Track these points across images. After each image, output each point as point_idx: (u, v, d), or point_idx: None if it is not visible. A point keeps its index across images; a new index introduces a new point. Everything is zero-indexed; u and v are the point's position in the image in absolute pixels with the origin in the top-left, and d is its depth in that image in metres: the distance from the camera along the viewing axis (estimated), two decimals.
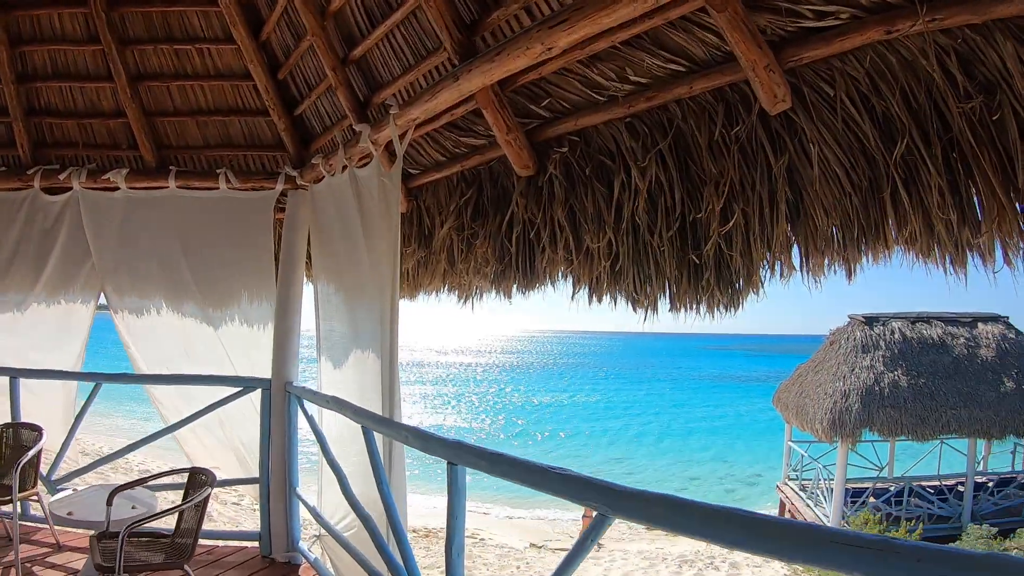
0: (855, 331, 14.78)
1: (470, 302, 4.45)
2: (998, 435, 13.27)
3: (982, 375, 13.69)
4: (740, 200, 2.72)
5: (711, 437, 36.98)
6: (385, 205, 3.64)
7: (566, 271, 3.39)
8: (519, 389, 60.51)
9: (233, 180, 5.12)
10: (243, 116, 5.29)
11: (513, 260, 3.60)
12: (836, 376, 13.97)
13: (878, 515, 12.03)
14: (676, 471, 28.36)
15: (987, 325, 14.91)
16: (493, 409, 46.38)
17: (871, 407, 13.05)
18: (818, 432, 13.50)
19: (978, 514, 13.48)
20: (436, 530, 17.18)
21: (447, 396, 55.79)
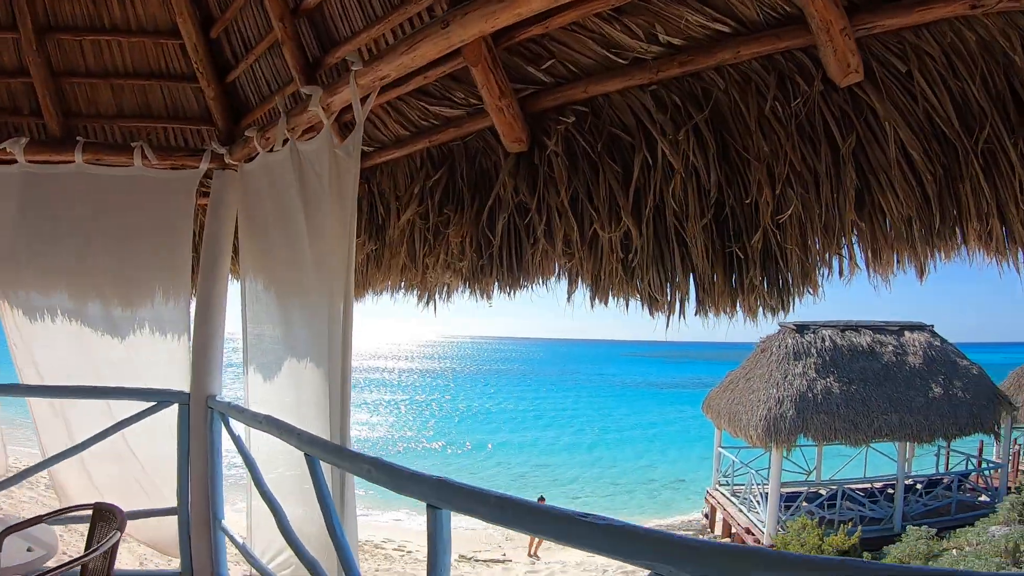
0: (786, 339, 14.91)
1: (433, 302, 3.82)
2: (927, 439, 13.64)
3: (911, 381, 14.04)
4: (797, 184, 2.27)
5: (636, 443, 37.28)
6: (338, 185, 2.98)
7: (564, 266, 2.84)
8: (444, 396, 59.65)
9: (150, 156, 4.27)
10: (166, 81, 4.48)
11: (496, 253, 3.00)
12: (769, 383, 14.04)
13: (814, 519, 12.06)
14: (601, 477, 28.32)
15: (913, 333, 15.34)
16: (420, 417, 45.32)
17: (805, 413, 13.17)
18: (752, 438, 13.51)
19: (909, 515, 13.78)
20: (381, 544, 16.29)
21: (369, 404, 54.43)
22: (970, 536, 10.17)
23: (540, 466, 30.30)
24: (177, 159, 4.39)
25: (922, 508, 14.04)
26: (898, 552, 10.40)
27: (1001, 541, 8.81)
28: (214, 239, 4.27)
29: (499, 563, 15.00)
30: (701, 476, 27.77)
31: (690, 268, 2.48)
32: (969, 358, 15.08)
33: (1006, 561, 8.33)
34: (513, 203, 2.88)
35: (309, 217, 3.26)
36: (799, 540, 11.39)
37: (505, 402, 59.31)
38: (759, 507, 14.05)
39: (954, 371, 14.46)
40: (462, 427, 43.17)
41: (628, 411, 53.71)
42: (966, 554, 9.10)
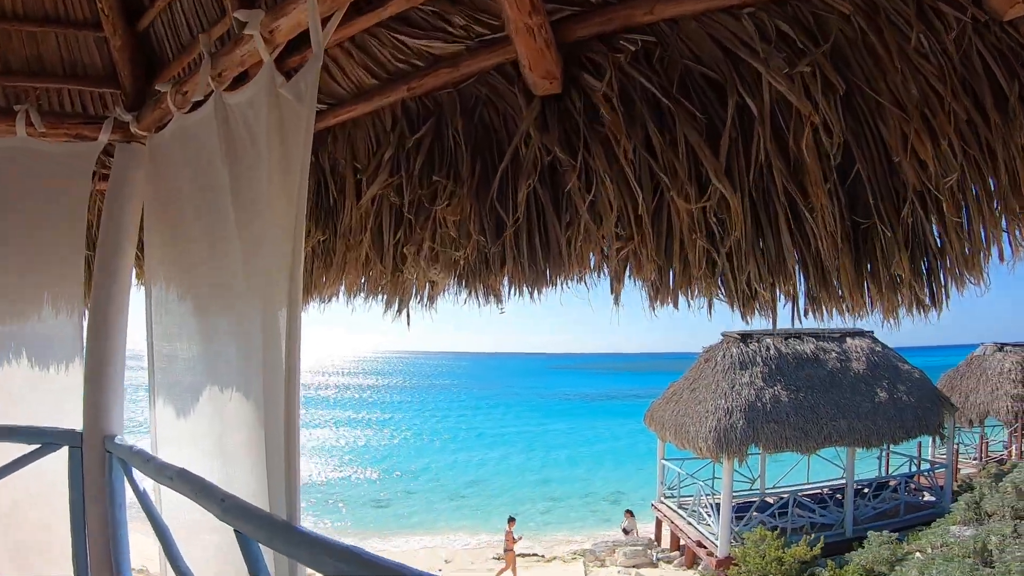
0: (731, 348, 14.66)
1: (406, 310, 2.93)
2: (876, 443, 13.59)
3: (856, 387, 13.99)
4: (957, 140, 1.59)
5: (571, 456, 36.85)
6: (283, 146, 2.06)
7: (613, 254, 2.04)
8: (372, 416, 57.78)
9: (37, 123, 3.21)
10: (63, 28, 3.40)
11: (513, 236, 2.18)
12: (717, 393, 13.72)
13: (776, 531, 11.72)
14: (537, 492, 27.65)
15: (855, 340, 15.35)
16: (350, 439, 43.44)
17: (756, 423, 12.87)
18: (703, 450, 13.10)
19: (859, 519, 13.67)
20: None
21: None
22: (932, 538, 9.95)
23: (474, 483, 29.38)
24: (71, 127, 3.34)
25: (872, 511, 13.97)
26: (861, 559, 10.09)
27: (970, 542, 8.56)
28: (114, 232, 3.25)
29: None
30: (639, 488, 27.51)
31: (805, 251, 1.74)
32: (909, 362, 15.21)
33: (976, 562, 8.07)
34: (541, 164, 2.06)
35: (239, 195, 2.33)
36: (758, 552, 10.94)
37: (438, 418, 58.20)
38: (709, 519, 13.64)
39: (897, 375, 14.52)
40: (396, 446, 41.76)
41: (562, 424, 53.46)
42: (933, 556, 8.82)
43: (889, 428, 13.42)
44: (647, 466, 30.01)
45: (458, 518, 23.20)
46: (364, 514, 23.67)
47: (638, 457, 34.29)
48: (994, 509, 9.96)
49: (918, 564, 8.77)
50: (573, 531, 21.40)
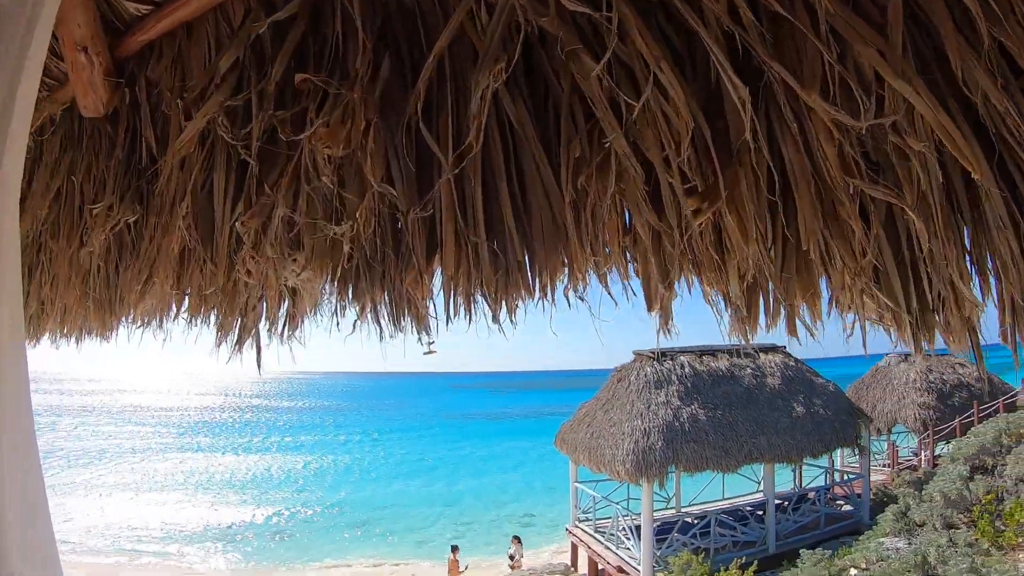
0: (644, 367, 14.19)
1: (254, 340, 1.88)
2: (795, 459, 13.37)
3: (773, 403, 13.76)
4: None
5: (478, 479, 35.81)
6: None
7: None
8: (264, 447, 54.50)
9: None
10: None
11: (463, 195, 1.19)
12: (632, 414, 13.16)
13: (700, 553, 11.13)
14: (445, 517, 26.53)
15: (768, 355, 15.20)
16: (241, 474, 40.34)
17: (675, 443, 12.36)
18: (620, 473, 12.47)
19: (781, 534, 13.39)
20: None
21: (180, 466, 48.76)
22: (867, 552, 9.58)
23: (380, 509, 27.84)
24: None
25: (793, 525, 13.73)
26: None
27: (909, 556, 8.18)
28: None
29: None
30: (551, 510, 26.85)
31: None
32: (822, 375, 15.20)
33: (914, 574, 7.70)
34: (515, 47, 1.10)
35: None
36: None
37: (336, 443, 55.77)
38: (629, 543, 12.99)
39: (812, 390, 14.44)
40: (295, 473, 39.30)
41: (468, 445, 52.42)
42: (872, 572, 8.42)
43: (808, 442, 13.27)
44: (558, 486, 29.45)
45: (363, 547, 21.76)
46: (264, 546, 21.81)
47: (548, 478, 33.73)
48: (923, 519, 9.75)
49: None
50: (484, 556, 20.38)
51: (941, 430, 18.57)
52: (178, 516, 25.89)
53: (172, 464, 40.88)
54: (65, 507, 27.42)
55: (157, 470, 38.15)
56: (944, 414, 18.83)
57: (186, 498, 30.14)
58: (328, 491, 32.25)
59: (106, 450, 46.17)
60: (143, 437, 56.38)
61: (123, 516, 25.65)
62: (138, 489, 31.84)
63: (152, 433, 58.96)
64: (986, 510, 8.78)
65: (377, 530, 24.25)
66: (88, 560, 20.86)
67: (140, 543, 21.89)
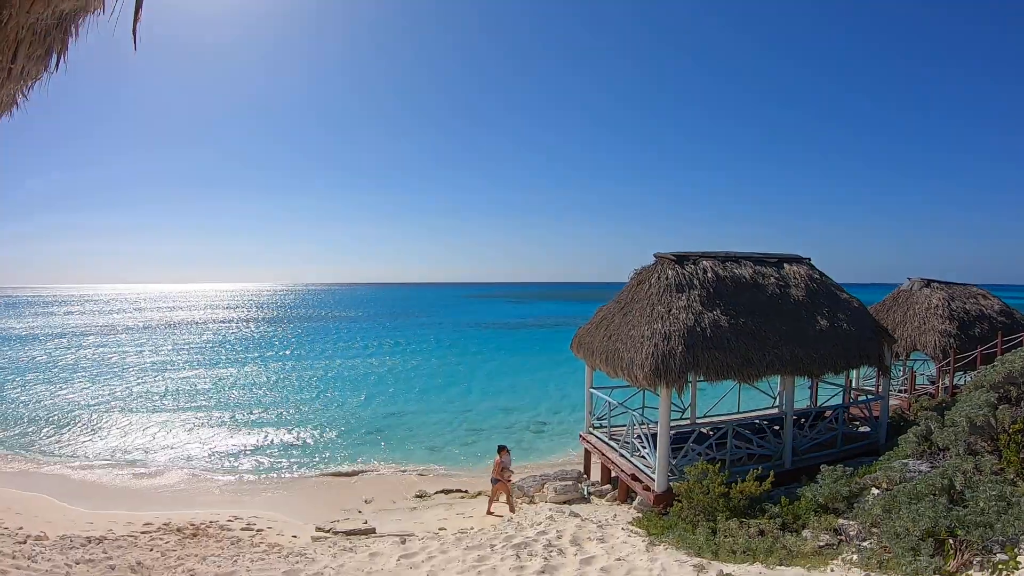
0: (666, 270, 13.58)
1: None
2: (818, 373, 12.96)
3: (797, 314, 13.29)
4: None
5: (492, 386, 36.16)
6: None
7: None
8: (283, 354, 55.44)
9: None
10: None
11: None
12: (652, 317, 12.60)
13: (716, 464, 10.93)
14: (458, 423, 26.83)
15: (792, 265, 14.67)
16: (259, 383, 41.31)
17: (696, 349, 11.88)
18: (638, 378, 12.06)
19: (798, 449, 13.27)
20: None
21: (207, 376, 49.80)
22: (890, 473, 9.36)
23: (395, 416, 28.22)
24: None
25: (810, 442, 13.57)
26: (815, 494, 9.45)
27: (935, 479, 7.92)
28: None
29: (357, 534, 12.88)
30: (563, 419, 27.10)
31: None
32: (846, 291, 14.65)
33: (941, 500, 7.45)
34: None
35: None
36: (702, 487, 10.17)
37: (350, 352, 56.55)
38: (644, 451, 12.88)
39: (836, 303, 13.92)
40: (308, 381, 39.97)
41: (482, 354, 52.96)
42: (895, 493, 8.17)
43: (831, 357, 12.85)
44: (572, 395, 29.69)
45: (379, 453, 22.10)
46: (281, 453, 22.21)
47: (562, 386, 33.99)
48: (946, 444, 9.45)
49: (881, 502, 8.12)
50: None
51: (961, 359, 18.23)
52: (198, 427, 26.40)
53: (190, 376, 41.77)
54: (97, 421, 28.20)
55: (177, 382, 38.98)
56: (965, 343, 18.48)
57: (206, 408, 30.73)
58: (344, 399, 32.68)
59: (132, 365, 47.27)
60: (165, 352, 57.60)
61: (148, 431, 26.22)
62: (158, 402, 32.53)
63: (171, 349, 60.18)
64: (1012, 440, 8.43)
65: (392, 437, 24.57)
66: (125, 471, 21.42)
67: (160, 454, 22.36)
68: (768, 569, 6.91)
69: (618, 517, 11.81)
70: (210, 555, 9.84)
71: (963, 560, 6.10)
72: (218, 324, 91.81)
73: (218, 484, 18.54)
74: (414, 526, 13.41)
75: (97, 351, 54.07)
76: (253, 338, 69.12)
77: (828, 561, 7.09)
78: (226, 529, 13.33)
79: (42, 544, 9.95)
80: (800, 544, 7.92)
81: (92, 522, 13.41)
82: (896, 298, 20.53)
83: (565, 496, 13.62)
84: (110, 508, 15.29)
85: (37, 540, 10.42)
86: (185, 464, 20.73)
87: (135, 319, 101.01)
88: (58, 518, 13.68)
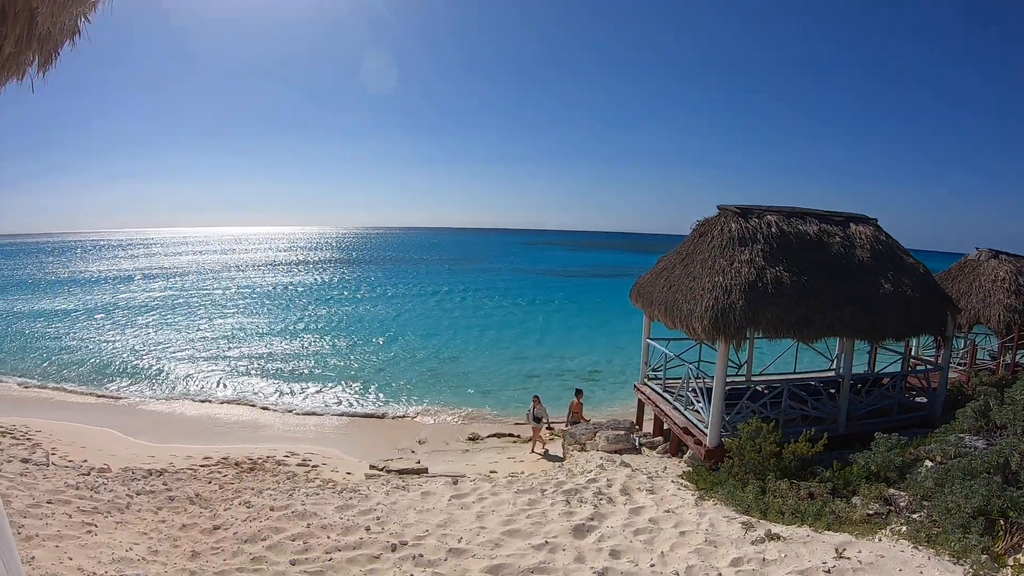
0: (729, 223, 13.23)
1: None
2: (879, 337, 12.61)
3: (861, 276, 12.86)
4: None
5: (548, 334, 36.39)
6: None
7: None
8: (340, 299, 56.77)
9: None
10: None
11: None
12: (714, 270, 12.38)
13: (770, 422, 10.78)
14: (512, 369, 27.21)
15: (859, 226, 14.10)
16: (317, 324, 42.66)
17: (756, 305, 11.66)
18: (696, 331, 11.95)
19: (853, 415, 13.02)
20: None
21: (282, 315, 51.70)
22: (944, 446, 9.09)
23: (450, 360, 28.81)
24: None
25: (865, 408, 13.30)
26: (867, 461, 9.27)
27: (992, 456, 7.65)
28: None
29: (411, 473, 13.35)
30: (616, 368, 27.14)
31: None
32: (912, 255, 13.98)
33: (996, 479, 7.20)
34: None
35: None
36: (754, 446, 10.10)
37: (411, 294, 57.64)
38: (698, 405, 12.83)
39: (902, 268, 13.39)
40: (369, 322, 41.09)
41: (539, 301, 53.13)
42: (948, 468, 7.95)
43: (893, 322, 12.45)
44: (626, 345, 29.65)
45: (432, 396, 22.69)
46: (340, 392, 23.08)
47: (616, 336, 33.94)
48: (1004, 422, 9.09)
49: (934, 475, 7.94)
50: (550, 411, 20.97)
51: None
52: (261, 366, 27.56)
53: (254, 318, 43.36)
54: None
55: (242, 323, 40.56)
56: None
57: (268, 348, 31.98)
58: (403, 342, 33.50)
59: (198, 306, 49.34)
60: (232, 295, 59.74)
61: (213, 370, 27.50)
62: (223, 343, 33.97)
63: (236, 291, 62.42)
64: None
65: (447, 380, 25.16)
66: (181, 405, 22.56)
67: (223, 391, 23.46)
68: (816, 532, 6.88)
69: (668, 470, 11.89)
70: (266, 489, 10.37)
71: (1012, 543, 5.95)
72: (280, 266, 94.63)
73: (278, 421, 19.44)
74: (466, 468, 13.82)
75: (165, 293, 56.58)
76: (316, 281, 71.07)
77: (876, 530, 7.02)
78: (282, 464, 14.00)
79: (105, 476, 10.65)
80: (849, 511, 7.85)
81: (154, 455, 14.26)
82: (962, 267, 19.49)
83: (617, 446, 13.75)
84: (173, 442, 16.22)
85: (100, 472, 11.15)
86: (247, 401, 21.77)
87: (200, 261, 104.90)
88: (121, 451, 14.58)
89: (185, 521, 7.89)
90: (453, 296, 55.37)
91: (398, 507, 8.65)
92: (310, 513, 7.92)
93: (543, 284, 68.70)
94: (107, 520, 7.45)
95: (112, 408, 20.35)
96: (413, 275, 79.16)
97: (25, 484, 8.41)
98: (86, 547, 6.20)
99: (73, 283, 65.39)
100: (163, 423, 18.65)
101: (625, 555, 6.71)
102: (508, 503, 8.81)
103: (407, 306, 48.29)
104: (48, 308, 44.18)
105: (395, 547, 6.84)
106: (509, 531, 7.45)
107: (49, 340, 32.10)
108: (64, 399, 21.18)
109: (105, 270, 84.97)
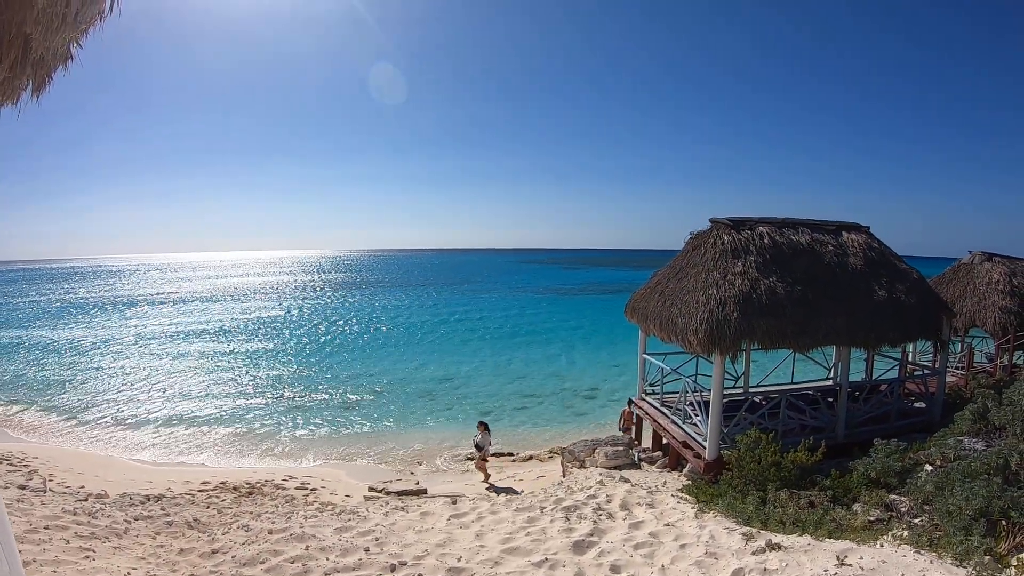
0: (721, 235, 13.33)
1: None
2: (875, 344, 12.65)
3: (855, 284, 12.93)
4: None
5: (545, 352, 36.35)
6: None
7: None
8: (337, 320, 56.80)
9: None
10: None
11: None
12: (707, 283, 12.44)
13: (769, 433, 10.77)
14: (511, 389, 27.13)
15: (851, 234, 14.22)
16: (313, 345, 42.69)
17: (751, 316, 11.70)
18: (692, 344, 11.99)
19: (851, 422, 13.02)
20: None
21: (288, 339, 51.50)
22: (944, 450, 9.10)
23: (447, 381, 28.74)
24: None
25: (864, 415, 13.33)
26: (867, 468, 9.27)
27: (991, 458, 7.67)
28: None
29: (409, 494, 13.28)
30: (615, 386, 27.09)
31: None
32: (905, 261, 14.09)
33: (996, 480, 7.21)
34: None
35: None
36: (753, 456, 10.09)
37: (406, 314, 57.62)
38: (696, 418, 12.83)
39: (896, 274, 13.47)
40: (365, 344, 41.04)
41: (536, 319, 53.13)
42: (948, 471, 7.96)
43: (889, 329, 12.52)
44: (625, 362, 29.64)
45: (430, 416, 22.61)
46: (332, 416, 22.96)
47: (614, 352, 33.92)
48: (1003, 423, 9.12)
49: (934, 479, 7.94)
50: (549, 428, 20.88)
51: (1022, 337, 17.40)
52: (245, 385, 27.46)
53: (251, 341, 43.21)
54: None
55: (239, 345, 40.39)
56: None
57: (254, 368, 31.88)
58: (399, 362, 33.43)
59: (196, 332, 49.22)
60: (231, 319, 59.64)
61: (211, 393, 27.38)
62: (222, 362, 33.85)
63: (236, 315, 62.29)
64: None
65: (444, 400, 25.08)
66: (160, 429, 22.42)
67: (220, 413, 23.35)
68: (817, 541, 6.87)
69: (668, 484, 11.85)
70: (264, 512, 10.31)
71: (1015, 543, 5.96)
72: (277, 291, 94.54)
73: (274, 442, 19.34)
74: (464, 487, 13.75)
75: (167, 319, 56.49)
76: (315, 305, 71.00)
77: (878, 536, 7.01)
78: (281, 488, 13.92)
79: (102, 502, 10.58)
80: (850, 518, 7.84)
81: (152, 480, 14.18)
82: (956, 271, 19.59)
83: (615, 461, 13.71)
84: (172, 464, 16.12)
85: (98, 498, 11.07)
86: (240, 422, 21.65)
87: (202, 287, 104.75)
88: (119, 477, 14.51)
89: (183, 545, 7.84)
90: (447, 318, 55.33)
91: (397, 528, 8.61)
92: (309, 535, 7.88)
93: (541, 303, 68.80)
94: (105, 545, 7.39)
95: (106, 434, 20.25)
96: (407, 296, 79.21)
97: (22, 510, 8.35)
98: (84, 572, 6.16)
99: (71, 308, 65.25)
100: (162, 445, 18.62)
101: (625, 569, 6.69)
102: (507, 521, 8.78)
103: (400, 328, 48.22)
104: (46, 338, 44.02)
105: (394, 567, 6.81)
106: (508, 549, 7.42)
107: (44, 369, 31.96)
108: (59, 426, 21.07)
109: (106, 297, 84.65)
